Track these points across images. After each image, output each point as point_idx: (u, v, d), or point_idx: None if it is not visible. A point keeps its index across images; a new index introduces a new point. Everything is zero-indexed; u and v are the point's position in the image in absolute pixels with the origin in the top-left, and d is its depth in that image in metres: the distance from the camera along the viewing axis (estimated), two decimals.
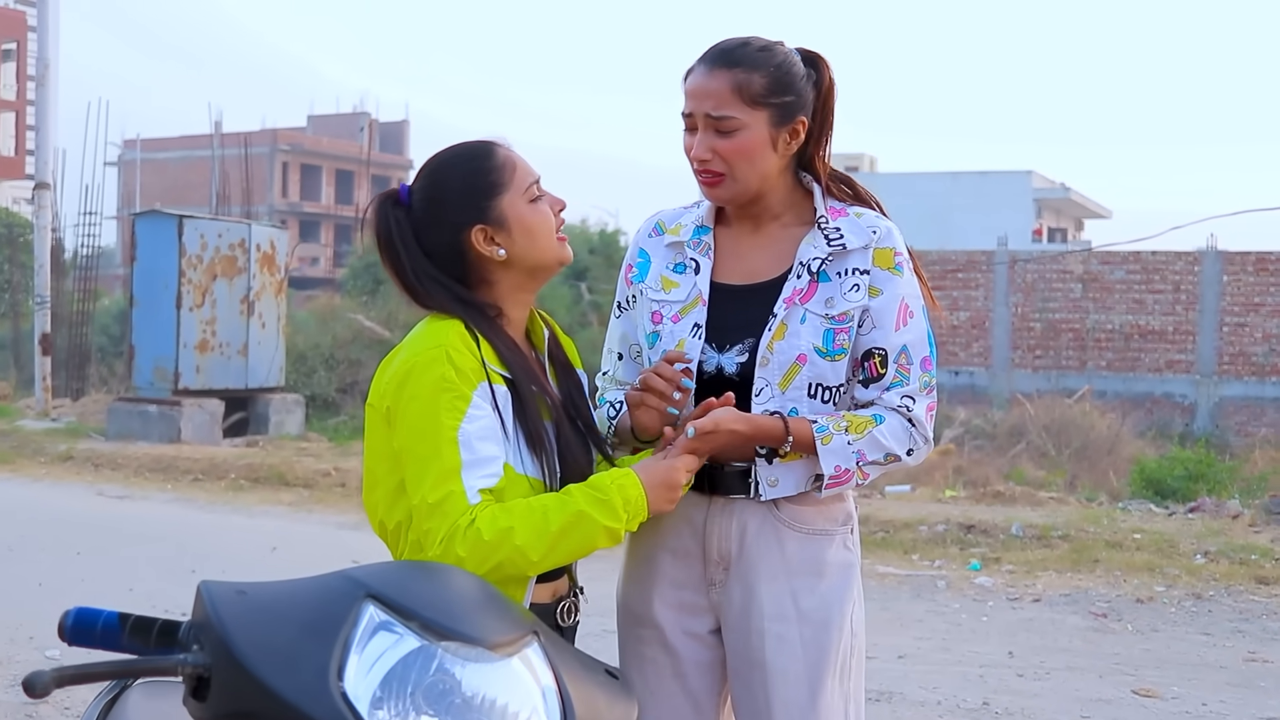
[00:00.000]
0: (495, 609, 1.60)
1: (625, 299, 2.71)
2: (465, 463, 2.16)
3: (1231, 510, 10.19)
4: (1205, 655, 6.48)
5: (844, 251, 2.50)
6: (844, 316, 2.48)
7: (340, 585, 1.54)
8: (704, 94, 2.45)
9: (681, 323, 2.54)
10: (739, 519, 2.51)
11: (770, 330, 2.47)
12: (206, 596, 1.52)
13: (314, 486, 11.92)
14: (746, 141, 2.46)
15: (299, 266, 49.14)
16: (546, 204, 2.39)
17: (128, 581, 7.64)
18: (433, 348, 2.22)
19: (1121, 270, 23.15)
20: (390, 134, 65.13)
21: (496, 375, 2.26)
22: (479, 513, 2.13)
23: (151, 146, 56.48)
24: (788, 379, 2.46)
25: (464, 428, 2.17)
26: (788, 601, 2.49)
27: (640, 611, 2.60)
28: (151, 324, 15.05)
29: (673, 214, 2.69)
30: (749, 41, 2.48)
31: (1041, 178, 44.11)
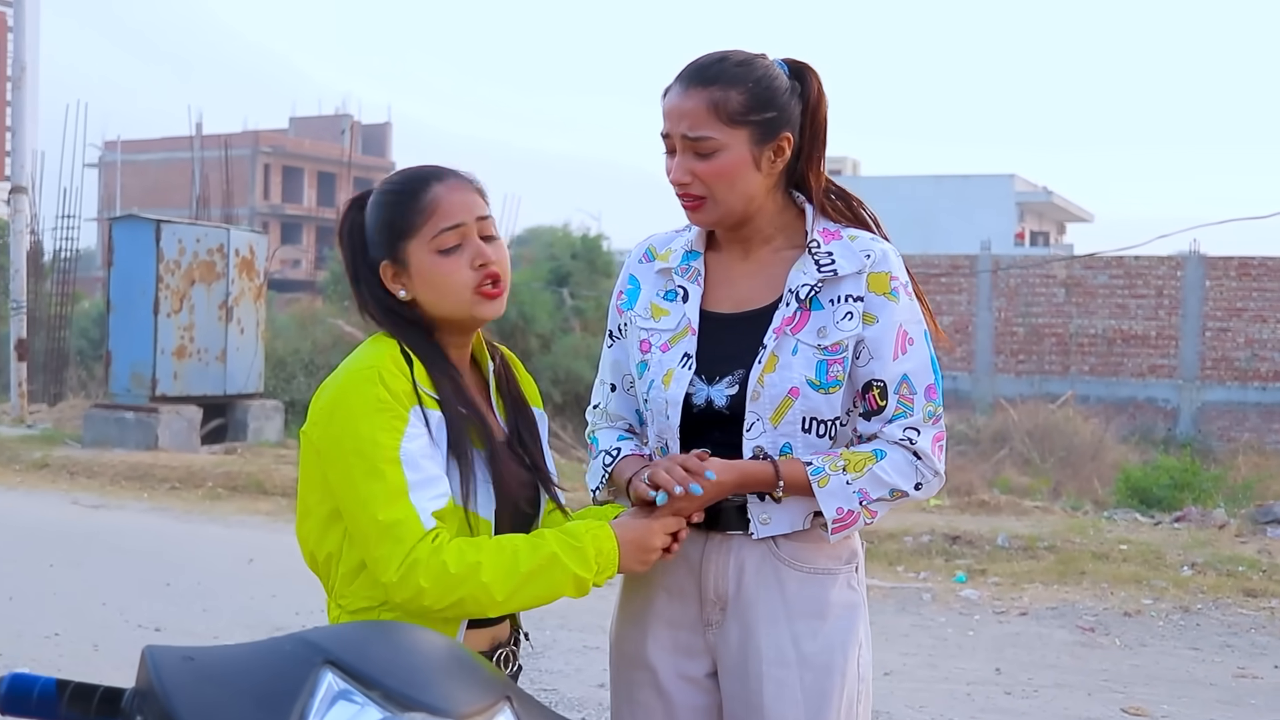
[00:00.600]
0: (463, 673, 1.49)
1: (617, 327, 2.59)
2: (411, 483, 2.07)
3: (1218, 520, 10.12)
4: (1194, 671, 6.39)
5: (836, 278, 2.37)
6: (837, 346, 2.34)
7: (295, 650, 1.43)
8: (680, 114, 2.34)
9: (671, 352, 2.42)
10: (737, 556, 2.39)
11: (760, 362, 2.34)
12: (151, 662, 1.41)
13: (292, 495, 11.71)
14: (726, 162, 2.33)
15: (280, 269, 48.94)
16: (465, 256, 2.23)
17: (101, 595, 7.51)
18: (366, 369, 2.15)
19: (1104, 275, 23.16)
20: (373, 136, 64.94)
21: (429, 399, 2.17)
22: (444, 542, 2.05)
23: (132, 148, 56.19)
24: (780, 413, 2.34)
25: (405, 446, 2.09)
26: (788, 645, 2.37)
27: (634, 653, 2.49)
28: (129, 330, 14.89)
29: (664, 238, 2.58)
30: (726, 56, 2.36)
31: (1024, 181, 44.17)
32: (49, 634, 6.59)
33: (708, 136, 2.31)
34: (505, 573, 2.06)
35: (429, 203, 2.23)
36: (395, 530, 2.04)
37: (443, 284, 2.22)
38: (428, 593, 2.03)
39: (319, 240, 59.04)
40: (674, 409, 2.38)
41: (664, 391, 2.40)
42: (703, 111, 2.31)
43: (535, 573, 2.08)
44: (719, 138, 2.31)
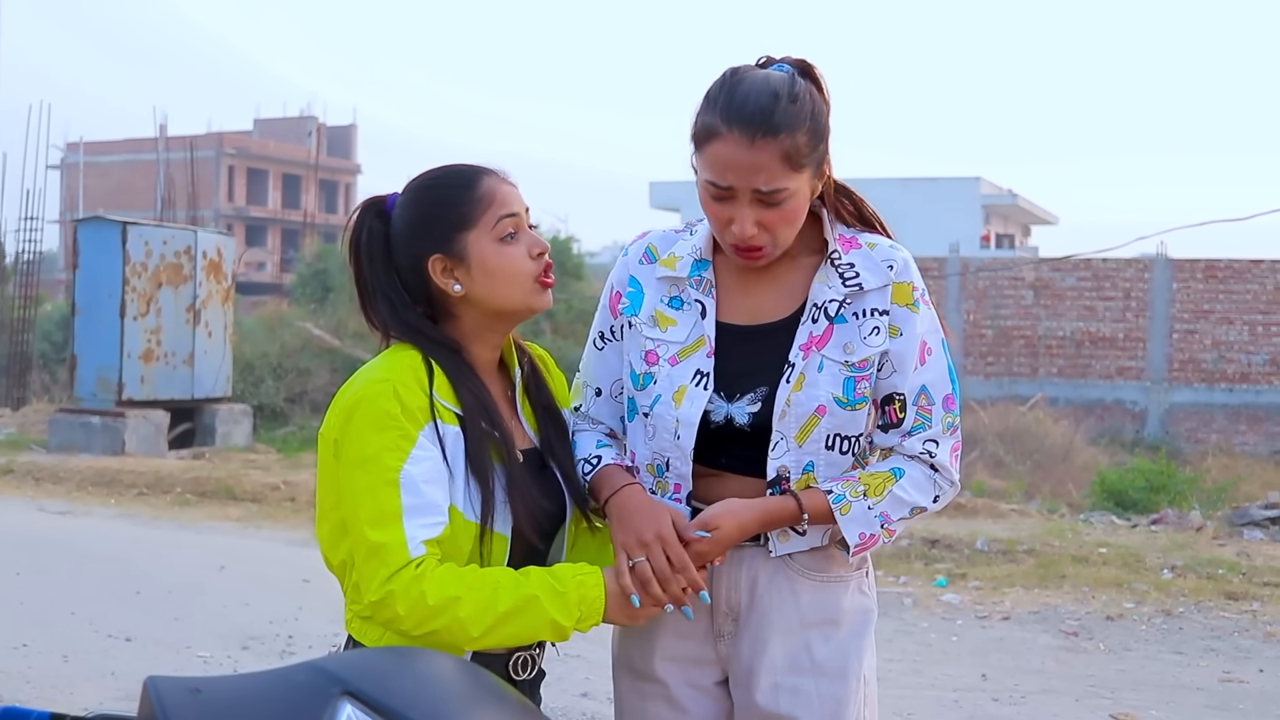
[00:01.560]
0: (488, 702, 1.39)
1: (610, 329, 2.44)
2: (407, 508, 2.04)
3: (1194, 522, 10.11)
4: (1180, 676, 6.35)
5: (860, 292, 2.28)
6: (865, 364, 2.26)
7: (310, 680, 1.33)
8: (752, 169, 2.14)
9: (681, 367, 2.30)
10: (749, 569, 2.32)
11: (789, 381, 2.25)
12: (155, 696, 1.31)
13: (263, 501, 11.64)
14: (794, 207, 2.21)
15: (245, 272, 48.60)
16: (522, 246, 2.22)
17: (70, 604, 7.36)
18: (381, 381, 2.11)
19: (1072, 277, 23.20)
20: (338, 138, 64.61)
21: (448, 413, 2.12)
22: (427, 571, 2.01)
23: (94, 150, 55.67)
24: (805, 432, 2.25)
25: (407, 469, 2.05)
26: (802, 652, 2.32)
27: (641, 666, 2.41)
28: (94, 333, 14.71)
29: (664, 238, 2.43)
30: (777, 94, 2.16)
31: (989, 184, 44.31)
32: (16, 645, 6.45)
33: (782, 188, 2.17)
34: (483, 609, 2.02)
35: (485, 193, 2.21)
36: (381, 553, 2.02)
37: (505, 272, 2.19)
38: (403, 620, 2.01)
39: (284, 242, 58.68)
40: (687, 429, 2.27)
41: (675, 410, 2.28)
42: (777, 165, 2.15)
43: (513, 613, 2.03)
44: (791, 186, 2.18)
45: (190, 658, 6.35)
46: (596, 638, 2.41)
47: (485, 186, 2.21)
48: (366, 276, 2.26)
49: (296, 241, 49.64)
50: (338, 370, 19.39)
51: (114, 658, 6.33)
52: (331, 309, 21.61)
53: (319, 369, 19.37)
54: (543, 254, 2.24)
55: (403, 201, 2.25)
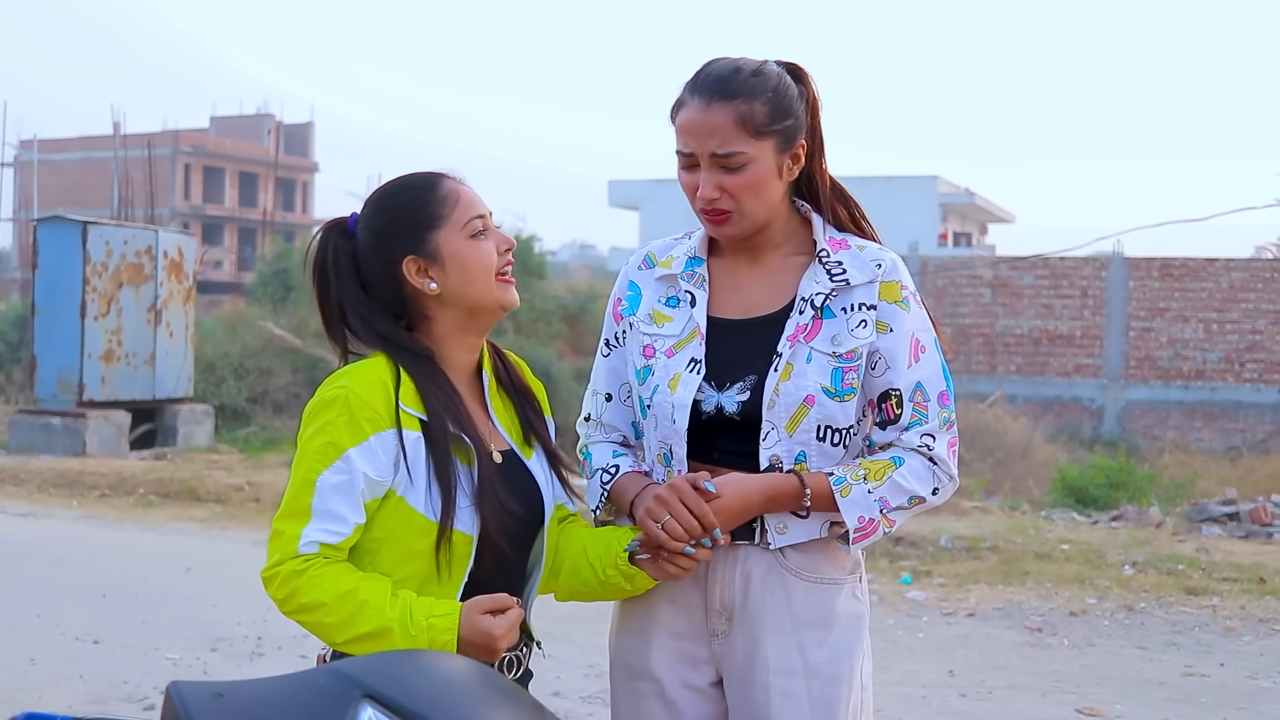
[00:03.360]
0: (505, 704, 1.43)
1: (614, 335, 2.54)
2: (315, 510, 2.16)
3: (1154, 519, 10.25)
4: (1143, 671, 6.44)
5: (847, 287, 2.37)
6: (852, 354, 2.34)
7: (330, 683, 1.36)
8: (707, 130, 2.30)
9: (676, 357, 2.38)
10: (743, 567, 2.37)
11: (776, 370, 2.32)
12: (179, 700, 1.33)
13: (226, 502, 11.59)
14: (755, 175, 2.32)
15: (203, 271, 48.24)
16: (490, 242, 2.30)
17: (35, 607, 7.31)
18: (339, 388, 2.20)
19: (1030, 276, 23.39)
20: (295, 136, 64.27)
21: (410, 419, 2.20)
22: (310, 570, 2.13)
23: (49, 147, 55.11)
24: (795, 421, 2.32)
25: (324, 475, 2.16)
26: (795, 655, 2.36)
27: (637, 664, 2.45)
28: (54, 333, 14.59)
29: (663, 246, 2.55)
30: (739, 66, 2.32)
31: (947, 183, 44.57)
32: None
33: (738, 151, 2.29)
34: (343, 624, 2.12)
35: (449, 194, 2.29)
36: (278, 539, 2.16)
37: (475, 266, 2.27)
38: (278, 604, 2.16)
39: (241, 241, 58.33)
40: (681, 412, 2.34)
41: (670, 395, 2.36)
42: (731, 126, 2.28)
43: (370, 636, 2.11)
44: (748, 151, 2.30)
45: (159, 660, 6.34)
46: (567, 637, 2.44)
47: (447, 187, 2.30)
48: (334, 295, 2.31)
49: (254, 240, 49.39)
50: (299, 370, 19.31)
51: (82, 660, 6.30)
52: (292, 308, 21.51)
53: (280, 369, 19.28)
54: (509, 250, 2.33)
55: (368, 213, 2.33)
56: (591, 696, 5.71)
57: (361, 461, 2.15)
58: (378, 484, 2.17)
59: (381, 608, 2.10)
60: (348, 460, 2.15)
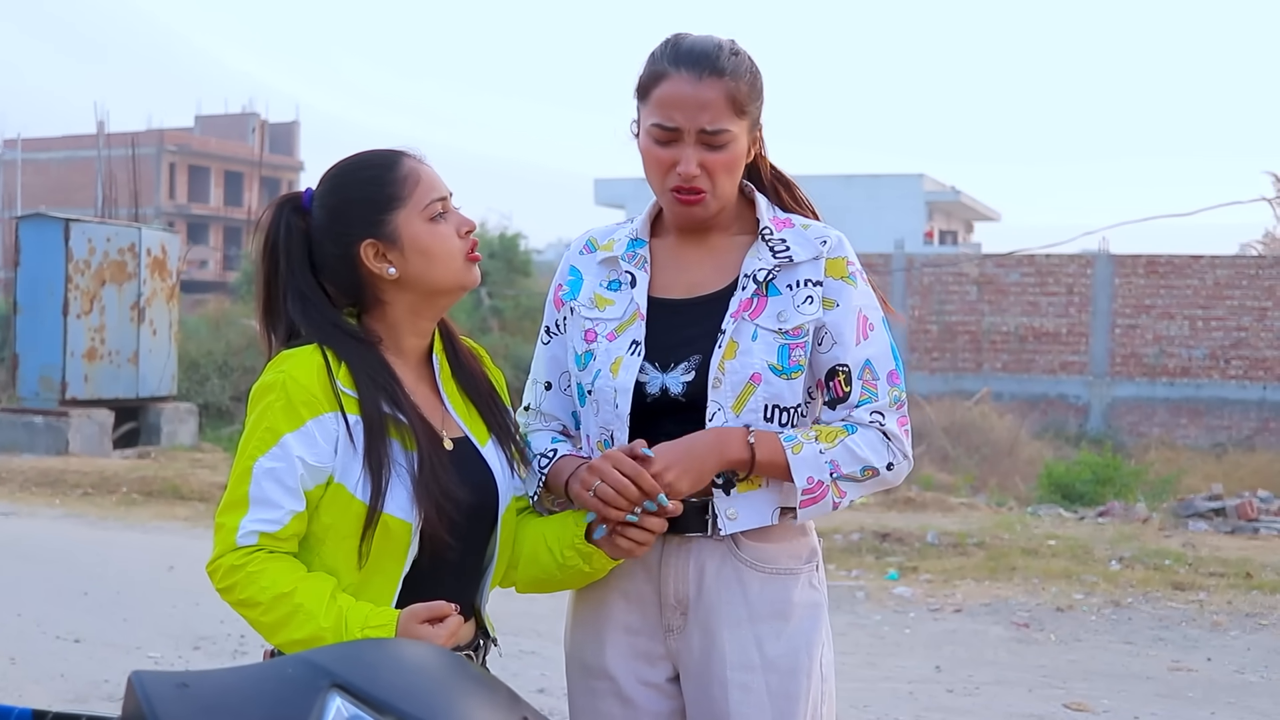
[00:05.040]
0: (477, 691, 1.39)
1: (554, 323, 2.48)
2: (252, 498, 2.10)
3: (1140, 514, 10.24)
4: (1130, 665, 6.43)
5: (791, 263, 2.32)
6: (799, 330, 2.29)
7: (299, 673, 1.32)
8: (698, 105, 2.24)
9: (618, 341, 2.33)
10: (696, 559, 2.31)
11: (720, 348, 2.27)
12: (140, 690, 1.29)
13: (210, 500, 11.50)
14: (734, 154, 2.28)
15: (187, 270, 48.07)
16: (451, 224, 2.23)
17: (15, 606, 7.25)
18: (278, 373, 2.14)
19: (1016, 273, 23.39)
20: (280, 135, 64.05)
21: (352, 400, 2.13)
22: (249, 565, 2.07)
23: (33, 146, 54.86)
24: (741, 401, 2.27)
25: (260, 462, 2.10)
26: (752, 648, 2.30)
27: (592, 661, 2.40)
28: (37, 332, 14.52)
29: (604, 230, 2.50)
30: (720, 44, 2.29)
31: (932, 181, 44.60)
32: None
33: (724, 129, 2.25)
34: (277, 625, 2.07)
35: (408, 174, 2.22)
36: (220, 532, 2.11)
37: (436, 250, 2.20)
38: (222, 594, 2.11)
39: (226, 240, 58.14)
40: (623, 396, 2.29)
41: (612, 380, 2.30)
42: (722, 103, 2.24)
43: (303, 641, 2.03)
44: (733, 129, 2.26)
45: (141, 658, 6.28)
46: (552, 634, 2.40)
47: (407, 167, 2.22)
48: (281, 274, 2.23)
49: (239, 239, 49.22)
50: None
51: (63, 659, 6.24)
52: None
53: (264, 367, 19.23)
54: (470, 231, 2.26)
55: (323, 191, 2.25)
56: None
57: (298, 446, 2.09)
58: (317, 470, 2.11)
59: (315, 613, 2.04)
60: (283, 446, 2.09)
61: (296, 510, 2.10)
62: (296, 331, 2.23)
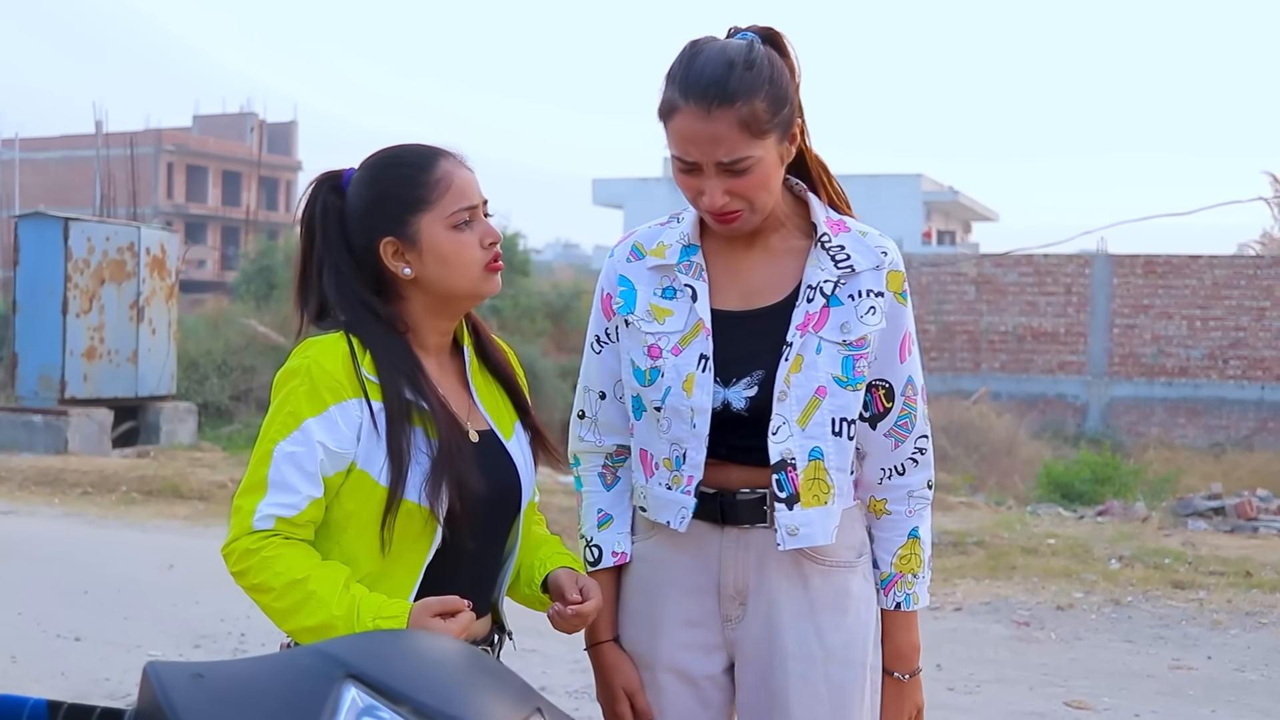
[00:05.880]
0: (492, 684, 1.39)
1: (605, 331, 2.42)
2: (271, 482, 2.09)
3: (1140, 513, 10.25)
4: (1131, 664, 6.43)
5: (853, 273, 2.29)
6: (862, 341, 2.27)
7: (314, 664, 1.32)
8: (710, 141, 2.15)
9: (684, 355, 2.28)
10: (757, 550, 2.31)
11: (786, 361, 2.24)
12: (156, 681, 1.29)
13: (210, 499, 11.51)
14: (762, 173, 2.19)
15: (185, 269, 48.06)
16: (475, 233, 2.20)
17: (15, 604, 7.25)
18: (304, 358, 2.15)
19: (1014, 273, 23.39)
20: (278, 134, 64.05)
21: (376, 387, 2.13)
22: (264, 550, 2.07)
23: (31, 146, 54.86)
24: (807, 415, 2.25)
25: (281, 445, 2.10)
26: (813, 640, 2.31)
27: (645, 654, 2.39)
28: (36, 331, 14.53)
29: (649, 233, 2.42)
30: (731, 60, 2.15)
31: (930, 181, 44.62)
32: None
33: (744, 156, 2.16)
34: (289, 612, 2.06)
35: (441, 177, 2.19)
36: (237, 514, 2.11)
37: (455, 258, 2.18)
38: (236, 577, 2.11)
39: (224, 240, 58.12)
40: (701, 416, 2.26)
41: (687, 399, 2.26)
42: (735, 134, 2.14)
43: (315, 629, 2.05)
44: (754, 153, 2.17)
45: (141, 657, 6.27)
46: (552, 633, 2.39)
47: (441, 170, 2.20)
48: (317, 249, 2.23)
49: (237, 239, 49.18)
50: None
51: (64, 658, 6.25)
52: (275, 306, 21.45)
53: (264, 366, 19.20)
54: (494, 243, 2.23)
55: (359, 178, 2.23)
56: (578, 691, 5.67)
57: (319, 431, 2.09)
58: (339, 456, 2.11)
59: (328, 602, 2.03)
60: (305, 431, 2.09)
61: (314, 496, 2.10)
62: (327, 308, 2.23)
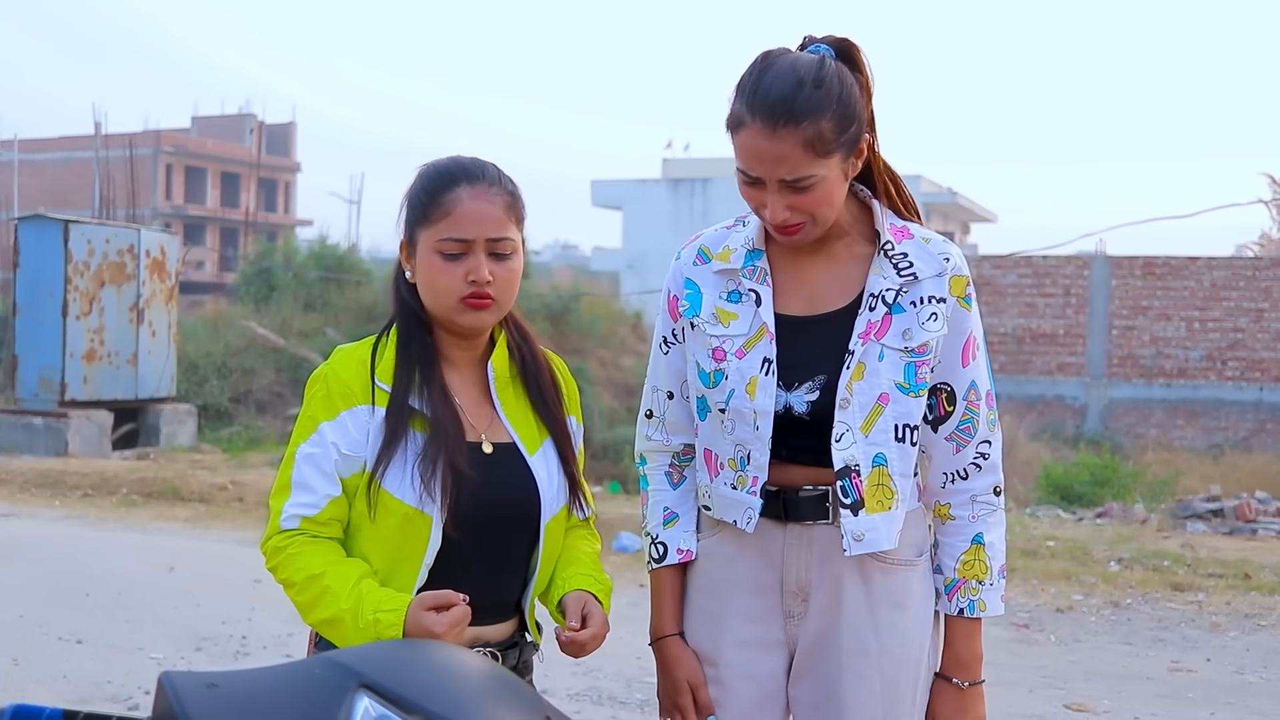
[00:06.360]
0: (504, 694, 1.40)
1: (672, 333, 2.46)
2: (295, 483, 2.23)
3: (1139, 515, 10.27)
4: (1130, 666, 6.45)
5: (915, 280, 2.32)
6: (924, 348, 2.29)
7: (326, 673, 1.34)
8: (775, 159, 2.18)
9: (748, 358, 2.32)
10: (819, 547, 2.33)
11: (849, 369, 2.27)
12: (171, 691, 1.31)
13: (210, 501, 11.53)
14: (825, 191, 2.22)
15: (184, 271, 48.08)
16: (462, 268, 2.22)
17: (17, 607, 7.26)
18: (324, 367, 2.30)
19: (1013, 274, 23.41)
20: (277, 135, 64.06)
21: (384, 394, 2.24)
22: (290, 547, 2.21)
23: (29, 147, 54.83)
24: (870, 421, 2.27)
25: (302, 448, 2.24)
26: (870, 636, 2.34)
27: (709, 649, 2.43)
28: (36, 333, 14.54)
29: (715, 236, 2.46)
30: (800, 79, 2.17)
31: (929, 182, 44.65)
32: None
33: (808, 175, 2.19)
34: (309, 605, 2.19)
35: (447, 202, 2.25)
36: (270, 515, 2.26)
37: (432, 284, 2.27)
38: (272, 574, 2.25)
39: (223, 241, 58.13)
40: (764, 419, 2.29)
41: (750, 402, 2.30)
42: (800, 153, 2.17)
43: (327, 622, 2.17)
44: (818, 173, 2.20)
45: (143, 659, 6.30)
46: (551, 635, 2.39)
47: (452, 196, 2.24)
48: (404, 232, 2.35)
49: (236, 240, 49.21)
50: (282, 369, 19.24)
51: (66, 660, 6.26)
52: (275, 308, 21.44)
53: (263, 368, 19.22)
54: (475, 283, 2.23)
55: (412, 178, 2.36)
56: (579, 694, 5.69)
57: (333, 434, 2.22)
58: (351, 458, 2.22)
59: (340, 595, 2.14)
60: (320, 433, 2.23)
61: (333, 495, 2.23)
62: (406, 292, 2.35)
